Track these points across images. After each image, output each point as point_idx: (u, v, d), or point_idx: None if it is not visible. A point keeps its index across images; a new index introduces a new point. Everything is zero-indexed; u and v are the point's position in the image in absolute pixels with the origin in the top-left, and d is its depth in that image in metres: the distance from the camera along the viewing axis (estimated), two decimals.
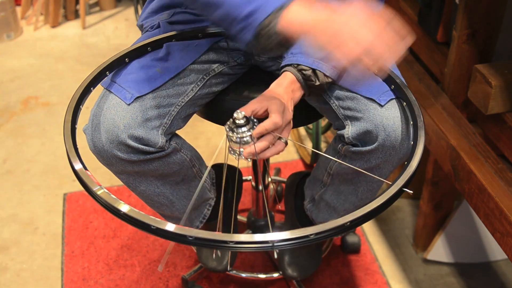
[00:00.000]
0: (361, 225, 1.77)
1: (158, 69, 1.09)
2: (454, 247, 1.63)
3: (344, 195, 1.20)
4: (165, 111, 1.09)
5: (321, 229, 0.77)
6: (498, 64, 1.27)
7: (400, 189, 0.84)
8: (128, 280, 1.58)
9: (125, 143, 1.03)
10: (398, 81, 1.05)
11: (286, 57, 1.08)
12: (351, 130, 1.06)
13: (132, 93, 1.05)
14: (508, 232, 1.12)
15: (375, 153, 1.06)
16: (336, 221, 0.79)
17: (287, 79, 1.04)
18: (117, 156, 1.05)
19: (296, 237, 0.76)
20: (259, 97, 0.99)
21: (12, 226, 1.78)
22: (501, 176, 1.20)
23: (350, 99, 1.07)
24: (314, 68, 1.04)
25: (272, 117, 0.94)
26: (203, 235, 0.76)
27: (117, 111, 1.04)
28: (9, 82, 2.52)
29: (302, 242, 0.77)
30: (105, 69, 1.07)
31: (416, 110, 0.99)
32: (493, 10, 1.31)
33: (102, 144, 1.04)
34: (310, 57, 1.04)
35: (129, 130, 1.03)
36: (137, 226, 0.80)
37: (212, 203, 1.36)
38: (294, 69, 1.05)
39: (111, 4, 3.17)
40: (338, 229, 0.79)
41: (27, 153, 2.08)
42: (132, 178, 1.14)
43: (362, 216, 0.80)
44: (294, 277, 1.46)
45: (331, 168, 1.18)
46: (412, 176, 0.87)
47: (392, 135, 1.03)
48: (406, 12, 1.67)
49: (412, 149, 0.92)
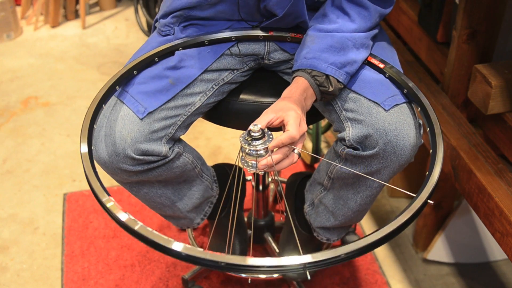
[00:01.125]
0: (361, 226, 1.77)
1: (171, 80, 1.09)
2: (454, 247, 1.63)
3: (344, 200, 1.20)
4: (171, 122, 1.09)
5: (352, 248, 0.76)
6: (498, 64, 1.27)
7: (425, 201, 0.84)
8: (128, 280, 1.58)
9: (130, 157, 1.04)
10: (411, 85, 1.04)
11: (298, 60, 1.06)
12: (351, 133, 1.05)
13: (145, 107, 1.05)
14: (508, 232, 1.12)
15: (376, 158, 1.05)
16: (366, 239, 0.77)
17: (300, 85, 1.03)
18: (122, 168, 1.06)
19: (328, 258, 0.75)
20: (274, 106, 0.98)
21: (12, 226, 1.78)
22: (501, 176, 1.20)
23: (353, 101, 1.06)
24: (327, 74, 1.03)
25: (289, 131, 0.93)
26: (234, 261, 0.76)
27: (126, 124, 1.03)
28: (9, 82, 2.52)
29: (333, 262, 0.76)
30: (115, 83, 1.05)
31: (432, 116, 0.97)
32: (493, 10, 1.31)
33: (108, 156, 1.04)
34: (324, 62, 1.03)
35: (135, 144, 1.03)
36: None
37: (214, 200, 1.36)
38: (307, 75, 1.03)
39: (111, 4, 3.17)
40: (369, 247, 0.78)
41: (27, 153, 2.08)
42: (135, 184, 1.15)
43: (390, 232, 0.79)
44: (294, 279, 1.46)
45: (332, 172, 1.18)
46: (435, 187, 0.87)
47: (393, 141, 1.02)
48: (406, 12, 1.67)
49: (432, 158, 0.91)
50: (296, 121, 0.94)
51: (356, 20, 1.07)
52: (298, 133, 0.94)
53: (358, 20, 1.07)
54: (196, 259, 0.76)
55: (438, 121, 0.97)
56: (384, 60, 1.11)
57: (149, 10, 2.79)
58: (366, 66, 1.11)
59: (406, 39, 1.72)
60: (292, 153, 0.96)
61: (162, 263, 1.63)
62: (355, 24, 1.07)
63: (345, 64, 1.04)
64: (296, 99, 1.00)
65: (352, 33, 1.06)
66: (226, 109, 1.22)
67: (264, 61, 1.23)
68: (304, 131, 0.97)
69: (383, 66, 1.09)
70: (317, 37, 1.07)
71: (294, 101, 0.99)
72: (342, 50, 1.04)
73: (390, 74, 1.08)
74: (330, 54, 1.04)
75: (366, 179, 1.12)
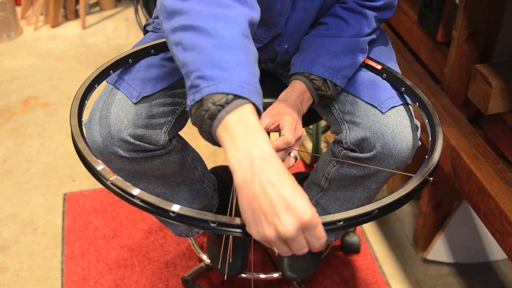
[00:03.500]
0: (361, 225, 1.77)
1: (167, 69, 1.08)
2: (454, 247, 1.63)
3: (340, 201, 1.20)
4: (170, 110, 1.08)
5: (350, 215, 0.75)
6: (498, 64, 1.27)
7: (425, 178, 0.84)
8: (128, 280, 1.58)
9: (126, 140, 1.02)
10: (408, 83, 1.04)
11: (296, 64, 1.06)
12: (349, 135, 1.05)
13: (139, 92, 1.05)
14: (508, 232, 1.12)
15: (373, 160, 1.05)
16: (364, 208, 0.76)
17: (296, 89, 1.03)
18: (116, 153, 1.04)
19: (325, 222, 0.73)
20: (269, 111, 0.98)
21: (12, 226, 1.78)
22: (501, 176, 1.20)
23: (350, 104, 1.07)
24: (325, 78, 1.03)
25: (285, 136, 0.93)
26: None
27: (122, 107, 1.03)
28: (9, 82, 2.52)
29: (331, 229, 0.74)
30: (109, 67, 1.06)
31: (430, 109, 0.98)
32: (493, 10, 1.31)
33: (102, 138, 1.03)
34: (322, 66, 1.03)
35: (132, 127, 1.02)
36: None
37: (214, 209, 1.36)
38: (305, 79, 1.03)
39: (111, 4, 3.17)
40: (366, 216, 0.76)
41: (27, 153, 2.08)
42: (131, 177, 1.13)
43: (390, 204, 0.78)
44: (293, 279, 1.46)
45: (329, 173, 1.18)
46: (436, 166, 0.88)
47: (390, 143, 1.02)
48: (406, 12, 1.67)
49: (432, 143, 0.92)
50: (292, 126, 0.95)
51: (354, 26, 1.07)
52: (294, 137, 0.94)
53: (356, 26, 1.08)
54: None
55: (436, 113, 0.98)
56: (381, 62, 1.11)
57: (149, 10, 2.79)
58: (363, 68, 1.12)
59: (406, 39, 1.72)
60: (288, 157, 0.96)
61: (162, 263, 1.63)
62: (354, 30, 1.07)
63: (342, 68, 1.04)
64: (292, 103, 1.00)
65: (351, 37, 1.07)
66: None
67: (261, 65, 1.23)
68: (300, 135, 0.97)
69: (380, 67, 1.09)
70: (315, 41, 1.07)
71: (289, 105, 0.99)
72: (339, 54, 1.05)
73: (387, 75, 1.08)
74: (327, 58, 1.04)
75: (363, 180, 1.12)
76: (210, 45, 0.74)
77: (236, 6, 0.79)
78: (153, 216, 0.84)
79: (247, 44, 0.77)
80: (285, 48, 1.13)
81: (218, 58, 0.72)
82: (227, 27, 0.76)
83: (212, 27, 0.75)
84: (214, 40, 0.74)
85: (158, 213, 0.75)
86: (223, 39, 0.74)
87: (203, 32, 0.75)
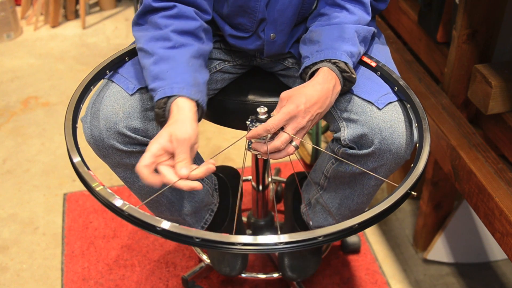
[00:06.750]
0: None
1: None
2: (454, 247, 1.63)
3: (340, 199, 1.20)
4: None
5: (330, 231, 0.77)
6: (498, 64, 1.27)
7: (407, 192, 0.84)
8: (128, 280, 1.58)
9: (122, 133, 1.02)
10: (401, 83, 1.04)
11: (311, 56, 1.04)
12: (347, 133, 1.05)
13: (134, 84, 1.05)
14: (508, 232, 1.12)
15: (372, 157, 1.05)
16: (344, 223, 0.79)
17: (327, 75, 1.00)
18: (113, 146, 1.04)
19: (304, 239, 0.76)
20: (288, 92, 0.98)
21: (12, 226, 1.78)
22: (501, 176, 1.20)
23: (347, 101, 1.06)
24: (345, 62, 1.01)
25: (266, 122, 0.95)
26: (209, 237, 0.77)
27: (118, 99, 1.03)
28: (9, 82, 2.52)
29: (310, 244, 0.77)
30: (105, 67, 1.06)
31: (420, 112, 0.98)
32: (493, 10, 1.31)
33: (99, 131, 1.03)
34: (338, 50, 1.02)
35: (127, 119, 1.02)
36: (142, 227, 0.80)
37: (215, 208, 1.35)
38: (328, 63, 1.01)
39: (111, 4, 3.17)
40: (346, 231, 0.79)
41: (27, 153, 2.08)
42: (129, 173, 1.12)
43: (370, 218, 0.80)
44: (293, 279, 1.46)
45: (328, 171, 1.18)
46: (418, 179, 0.87)
47: (388, 139, 1.02)
48: (406, 12, 1.67)
49: (418, 152, 0.92)
50: (284, 115, 0.94)
51: (355, 12, 1.07)
52: (274, 126, 0.94)
53: (357, 12, 1.07)
54: (170, 233, 0.79)
55: (426, 116, 0.98)
56: (376, 58, 1.11)
57: None
58: (359, 65, 1.11)
59: (406, 39, 1.72)
60: (289, 145, 0.96)
61: (162, 263, 1.63)
62: (356, 15, 1.07)
63: (354, 55, 1.04)
64: (325, 87, 0.99)
65: (356, 24, 1.06)
66: (226, 109, 1.22)
67: (256, 59, 1.23)
68: (300, 127, 0.96)
69: (375, 64, 1.10)
70: (324, 30, 1.06)
71: (308, 95, 0.97)
72: (350, 40, 1.04)
73: (382, 73, 1.08)
74: (341, 43, 1.03)
75: (362, 178, 1.12)
76: (150, 63, 0.99)
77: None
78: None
79: (178, 51, 1.00)
80: (271, 36, 1.13)
81: (156, 72, 0.97)
82: (162, 44, 1.00)
83: (150, 48, 1.00)
84: (152, 58, 0.99)
85: (146, 228, 0.81)
86: (157, 54, 0.98)
87: (146, 53, 1.01)
